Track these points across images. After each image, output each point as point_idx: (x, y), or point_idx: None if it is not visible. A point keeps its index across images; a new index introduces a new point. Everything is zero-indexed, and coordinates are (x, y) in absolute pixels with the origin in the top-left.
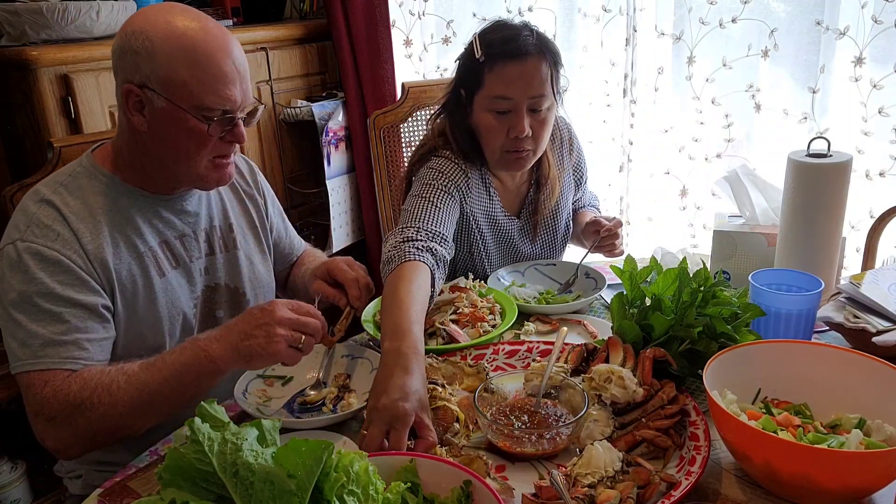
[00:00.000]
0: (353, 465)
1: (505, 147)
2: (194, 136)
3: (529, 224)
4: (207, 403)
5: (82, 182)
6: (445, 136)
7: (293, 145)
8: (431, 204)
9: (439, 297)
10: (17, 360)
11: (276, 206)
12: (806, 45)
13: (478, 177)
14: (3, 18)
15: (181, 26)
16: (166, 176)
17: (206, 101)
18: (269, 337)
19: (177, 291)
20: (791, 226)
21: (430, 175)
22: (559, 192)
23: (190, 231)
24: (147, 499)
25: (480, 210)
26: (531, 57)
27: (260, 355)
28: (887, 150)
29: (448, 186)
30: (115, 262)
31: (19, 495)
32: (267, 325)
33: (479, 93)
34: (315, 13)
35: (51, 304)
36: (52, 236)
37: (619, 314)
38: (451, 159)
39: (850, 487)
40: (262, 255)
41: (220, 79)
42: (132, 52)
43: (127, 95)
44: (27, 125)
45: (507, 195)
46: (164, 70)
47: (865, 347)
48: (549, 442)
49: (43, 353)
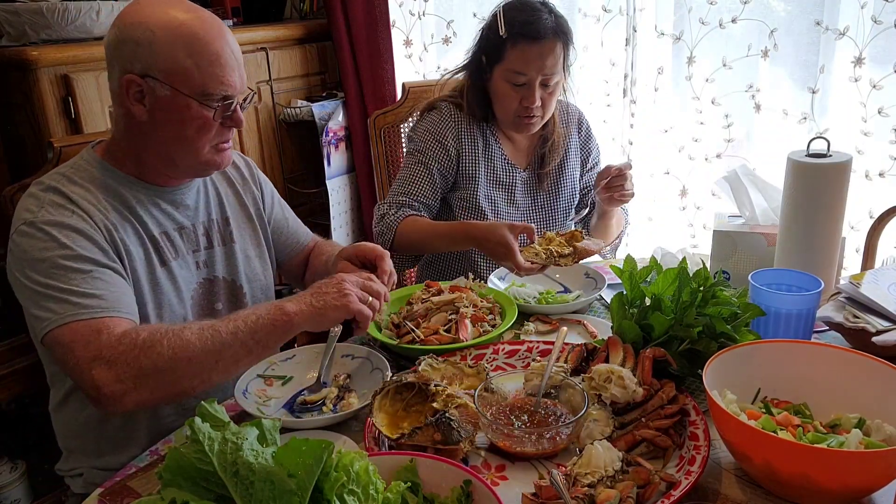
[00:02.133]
0: (353, 465)
1: (517, 112)
2: (197, 122)
3: (535, 177)
4: (207, 403)
5: (83, 173)
6: (457, 91)
7: (293, 145)
8: (417, 165)
9: (439, 297)
10: (54, 316)
11: (275, 198)
12: (806, 45)
13: (481, 129)
14: (3, 18)
15: (180, 16)
16: (165, 165)
17: (209, 88)
18: (341, 291)
19: (178, 281)
20: (791, 226)
21: (424, 130)
22: (564, 149)
23: (189, 224)
24: (147, 498)
25: (475, 156)
26: (548, 40)
27: (333, 307)
28: (887, 150)
29: (443, 135)
30: (124, 240)
31: (19, 495)
32: (338, 283)
33: (499, 65)
34: (315, 13)
35: (81, 264)
36: (66, 213)
37: (619, 314)
38: (446, 111)
39: (850, 487)
40: (258, 250)
41: (221, 65)
42: (132, 42)
43: (127, 86)
44: (27, 125)
45: (515, 150)
46: (167, 58)
47: (865, 347)
48: (549, 442)
49: (86, 304)
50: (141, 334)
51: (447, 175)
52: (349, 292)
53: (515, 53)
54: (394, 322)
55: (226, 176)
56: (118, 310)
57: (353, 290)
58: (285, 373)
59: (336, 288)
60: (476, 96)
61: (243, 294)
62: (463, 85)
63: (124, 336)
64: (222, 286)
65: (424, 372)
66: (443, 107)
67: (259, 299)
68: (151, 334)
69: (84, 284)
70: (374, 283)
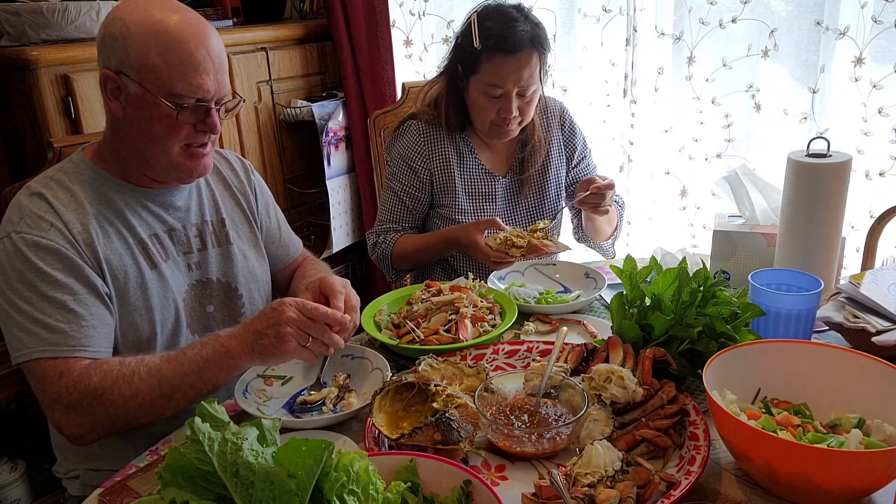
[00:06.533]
0: (353, 465)
1: (494, 122)
2: (165, 123)
3: (516, 183)
4: (208, 403)
5: (72, 176)
6: (430, 104)
7: (293, 145)
8: (391, 194)
9: (439, 297)
10: (24, 349)
11: (270, 208)
12: (806, 45)
13: (455, 140)
14: (3, 18)
15: (158, 14)
16: (142, 165)
17: (177, 88)
18: (279, 335)
19: (168, 284)
20: (791, 226)
21: (396, 154)
22: (545, 151)
23: (179, 226)
24: (147, 498)
25: (450, 172)
26: (524, 52)
27: (273, 353)
28: (887, 150)
29: (411, 159)
30: (105, 251)
31: (19, 495)
32: (277, 325)
33: (474, 76)
34: (315, 13)
35: (54, 292)
36: (44, 227)
37: (619, 314)
38: (416, 131)
39: (850, 487)
40: (256, 251)
41: (192, 66)
42: (110, 37)
43: (104, 81)
44: (27, 125)
45: (493, 157)
46: (138, 55)
47: (865, 347)
48: (549, 442)
49: (52, 340)
50: (93, 380)
51: (420, 198)
52: (287, 337)
53: (491, 66)
54: (394, 322)
55: (221, 177)
56: (84, 346)
57: (291, 331)
58: (285, 373)
59: (274, 331)
60: (453, 105)
61: (238, 296)
62: (438, 94)
63: (79, 380)
64: (216, 288)
65: (424, 372)
66: (412, 126)
67: (256, 301)
68: (102, 380)
69: (56, 316)
70: (315, 322)
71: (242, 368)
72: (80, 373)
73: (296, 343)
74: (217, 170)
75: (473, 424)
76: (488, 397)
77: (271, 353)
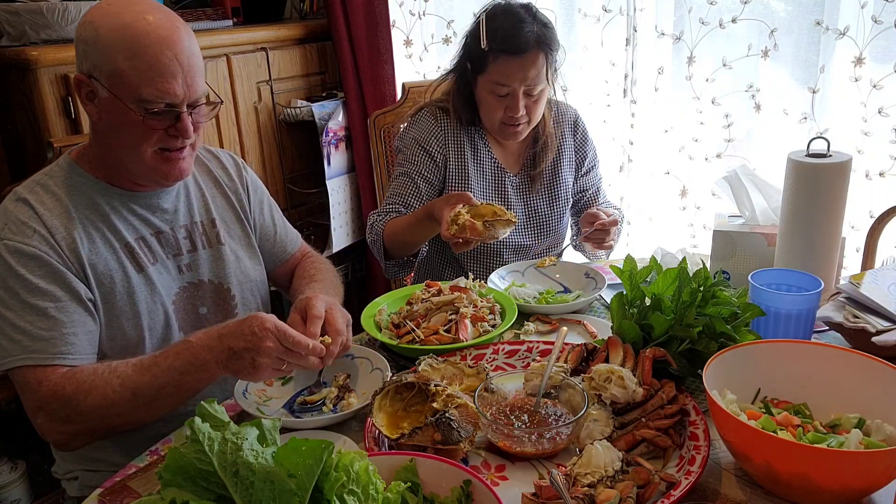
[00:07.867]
0: (353, 465)
1: (502, 120)
2: (135, 128)
3: (527, 180)
4: (207, 403)
5: (58, 180)
6: (446, 95)
7: (293, 145)
8: (403, 178)
9: (439, 297)
10: (7, 356)
11: (265, 204)
12: (806, 45)
13: (469, 132)
14: (3, 18)
15: (128, 17)
16: (123, 169)
17: (144, 93)
18: (254, 365)
19: (157, 287)
20: (791, 226)
21: (411, 138)
22: (556, 148)
23: (167, 228)
24: (147, 498)
25: (464, 162)
26: (530, 52)
27: (247, 377)
28: (887, 150)
29: (428, 143)
30: (90, 256)
31: (19, 495)
32: (254, 353)
33: (482, 75)
34: (315, 13)
35: (36, 300)
36: (28, 233)
37: (619, 314)
38: (432, 117)
39: (850, 487)
40: (249, 251)
41: (159, 71)
42: (82, 41)
43: (79, 85)
44: (27, 125)
45: (505, 153)
46: (106, 60)
47: (865, 347)
48: (549, 442)
49: (33, 348)
50: (67, 389)
51: (433, 182)
52: (262, 367)
53: (497, 66)
54: (394, 322)
55: (212, 177)
56: (63, 353)
57: (266, 362)
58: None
59: (251, 357)
60: (462, 101)
61: (231, 297)
62: (449, 90)
63: (57, 389)
64: (208, 290)
65: (424, 372)
66: (429, 112)
67: (249, 301)
68: (76, 391)
69: (37, 323)
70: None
71: (218, 377)
72: (57, 382)
73: (270, 371)
74: (207, 169)
75: (473, 424)
76: (488, 397)
77: (245, 376)
